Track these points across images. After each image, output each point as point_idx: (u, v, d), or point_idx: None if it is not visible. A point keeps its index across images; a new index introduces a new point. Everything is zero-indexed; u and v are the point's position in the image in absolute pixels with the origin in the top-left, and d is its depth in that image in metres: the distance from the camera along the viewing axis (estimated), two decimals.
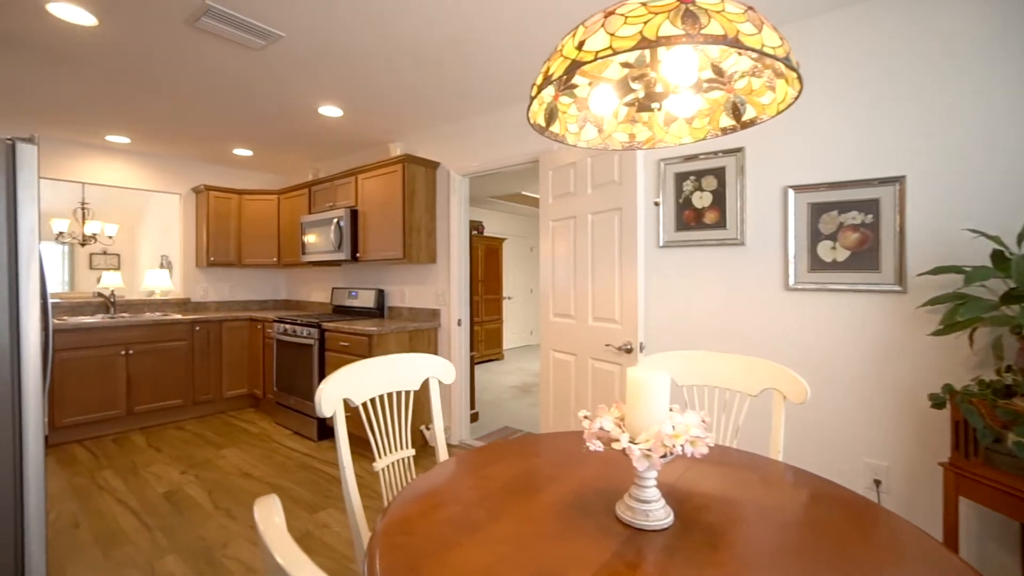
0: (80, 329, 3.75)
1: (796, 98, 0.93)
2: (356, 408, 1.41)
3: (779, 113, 1.00)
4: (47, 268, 2.00)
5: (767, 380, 1.48)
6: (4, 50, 2.58)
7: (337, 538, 2.42)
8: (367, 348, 3.37)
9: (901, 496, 1.98)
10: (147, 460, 3.41)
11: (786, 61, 0.79)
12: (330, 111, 3.48)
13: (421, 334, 3.70)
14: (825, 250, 2.12)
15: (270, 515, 0.63)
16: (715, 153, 2.46)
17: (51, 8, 2.21)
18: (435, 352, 3.81)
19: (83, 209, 6.10)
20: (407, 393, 1.60)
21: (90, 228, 6.02)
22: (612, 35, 0.80)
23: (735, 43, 0.75)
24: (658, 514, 0.97)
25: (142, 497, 2.86)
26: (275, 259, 4.91)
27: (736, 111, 1.12)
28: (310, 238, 4.29)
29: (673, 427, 0.94)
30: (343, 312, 4.52)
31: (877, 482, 1.99)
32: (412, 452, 1.56)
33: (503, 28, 2.36)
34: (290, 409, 4.04)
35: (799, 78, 0.86)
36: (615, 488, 1.16)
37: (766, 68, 0.99)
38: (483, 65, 2.77)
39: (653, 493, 0.99)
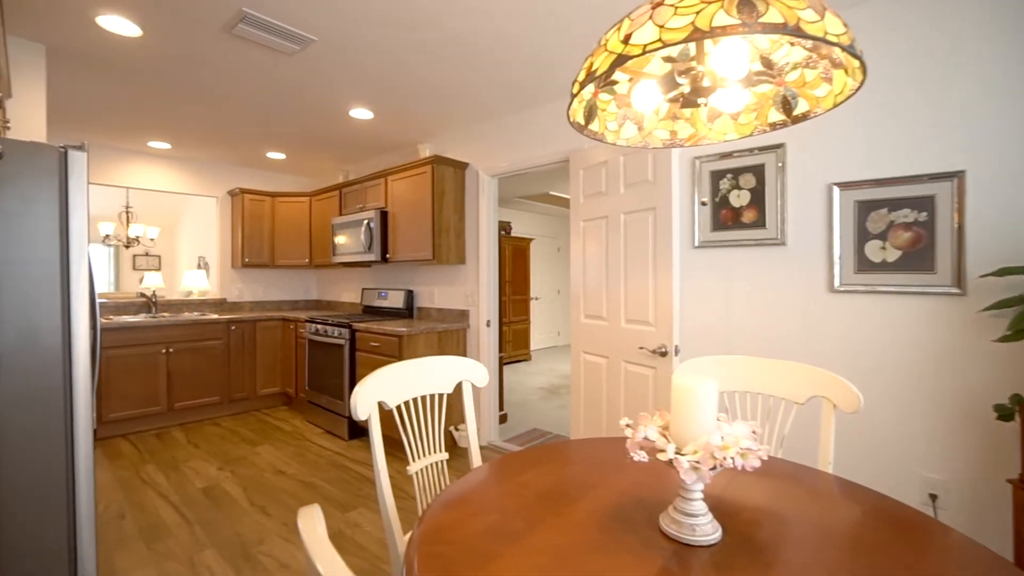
0: (125, 328, 3.89)
1: (857, 89, 0.87)
2: (390, 411, 1.40)
3: (836, 106, 0.94)
4: (95, 269, 2.08)
5: (816, 387, 1.40)
6: (58, 62, 2.70)
7: (368, 537, 2.44)
8: (397, 349, 3.39)
9: (960, 513, 1.86)
10: (186, 456, 3.52)
11: (850, 49, 0.73)
12: (361, 114, 3.52)
13: (450, 335, 3.70)
14: (874, 250, 2.02)
15: (313, 525, 0.62)
16: (751, 150, 2.37)
17: (100, 21, 2.29)
18: (464, 353, 3.81)
19: (127, 213, 6.36)
20: (440, 396, 1.59)
21: (134, 231, 6.27)
22: (661, 27, 0.76)
23: (796, 32, 0.70)
24: (705, 528, 0.93)
25: (182, 492, 2.94)
26: (307, 260, 5.00)
27: (787, 105, 1.06)
28: (341, 239, 4.35)
29: (722, 438, 0.89)
30: (373, 312, 4.57)
31: (933, 496, 1.88)
32: (446, 456, 1.55)
33: (535, 24, 2.33)
34: (321, 408, 4.11)
35: (863, 68, 0.80)
36: (657, 498, 1.12)
37: (822, 58, 0.93)
38: (513, 63, 2.74)
39: (700, 506, 0.94)
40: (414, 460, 1.47)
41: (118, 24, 2.32)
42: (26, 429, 1.83)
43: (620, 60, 0.81)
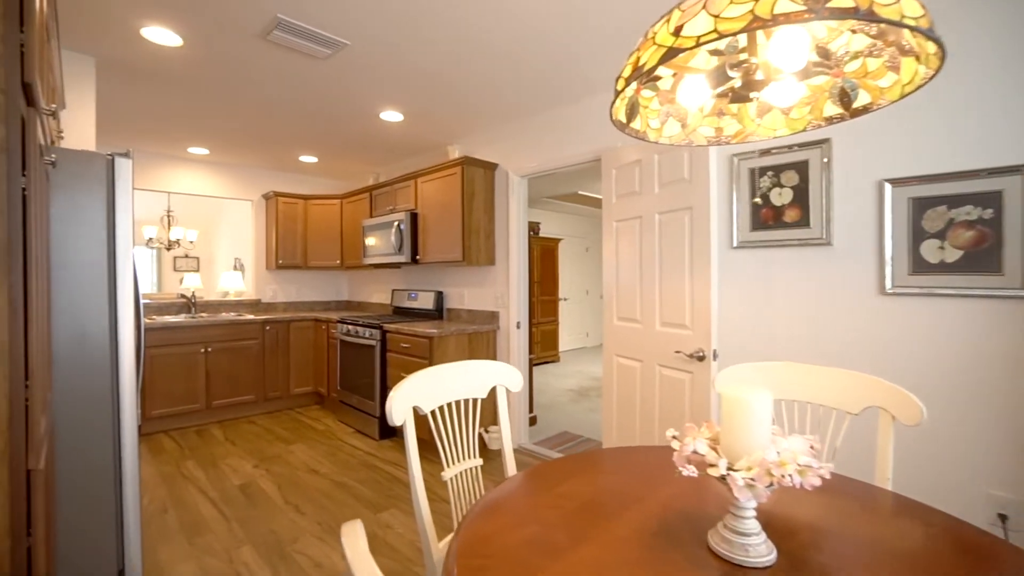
0: (166, 328, 4.03)
1: (931, 77, 0.80)
2: (424, 416, 1.39)
3: (903, 97, 0.87)
4: (139, 271, 2.15)
5: (872, 397, 1.32)
6: (106, 73, 2.80)
7: (400, 539, 2.44)
8: (427, 351, 3.40)
9: None
10: (224, 453, 3.61)
11: (930, 33, 0.67)
12: (391, 116, 3.54)
13: (480, 337, 3.69)
14: (931, 250, 1.89)
15: (356, 540, 0.60)
16: (790, 147, 2.27)
17: (144, 32, 2.37)
18: (494, 355, 3.79)
19: (168, 216, 6.59)
20: (474, 401, 1.57)
21: (175, 234, 6.50)
22: (716, 16, 0.71)
23: (868, 16, 0.65)
24: (759, 549, 0.87)
25: (220, 488, 3.02)
26: (338, 261, 5.08)
27: (844, 98, 0.99)
28: (371, 241, 4.40)
29: (778, 453, 0.84)
30: (403, 313, 4.60)
31: (1003, 517, 1.75)
32: (480, 462, 1.52)
33: (564, 21, 2.29)
34: (353, 408, 4.16)
35: (941, 54, 0.74)
36: (703, 513, 1.06)
37: (888, 45, 0.86)
38: (542, 62, 2.71)
39: (753, 525, 0.89)
40: (448, 466, 1.45)
41: (161, 35, 2.39)
42: (78, 426, 1.90)
43: (670, 54, 0.76)
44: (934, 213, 1.89)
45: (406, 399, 1.31)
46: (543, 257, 7.29)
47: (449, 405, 2.33)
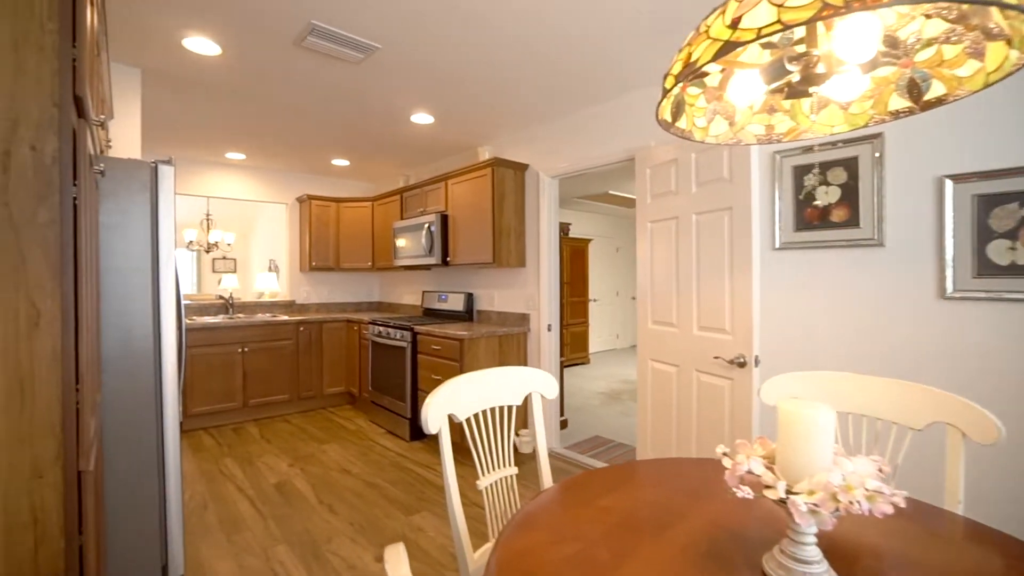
0: (206, 328, 4.15)
1: None
2: (459, 423, 1.37)
3: (988, 86, 0.80)
4: (180, 272, 2.20)
5: (939, 412, 1.23)
6: (150, 83, 2.90)
7: (431, 543, 2.44)
8: (458, 353, 3.39)
9: None
10: (260, 451, 3.69)
11: None
12: (422, 118, 3.55)
13: (511, 339, 3.66)
14: (999, 251, 1.76)
15: (398, 566, 0.58)
16: (834, 144, 2.15)
17: (185, 43, 2.43)
18: (524, 358, 3.76)
19: (207, 220, 6.82)
20: (509, 408, 1.54)
21: (213, 236, 6.71)
22: (780, 6, 0.66)
23: None
24: None
25: (257, 486, 3.08)
26: (369, 263, 5.14)
27: (915, 89, 0.92)
28: (402, 242, 4.43)
29: (843, 477, 0.77)
30: (433, 315, 4.62)
31: None
32: (515, 470, 1.49)
33: (595, 20, 2.24)
34: (384, 408, 4.19)
35: None
36: (755, 534, 1.00)
37: (971, 30, 0.79)
38: (573, 62, 2.66)
39: (814, 552, 0.83)
40: (484, 475, 1.42)
41: (201, 44, 2.45)
42: (124, 424, 1.96)
43: (727, 48, 0.71)
44: (1003, 211, 1.75)
45: (441, 407, 1.29)
46: (573, 258, 7.22)
47: (484, 412, 2.31)
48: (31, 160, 1.05)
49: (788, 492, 0.79)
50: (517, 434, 3.66)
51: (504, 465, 1.49)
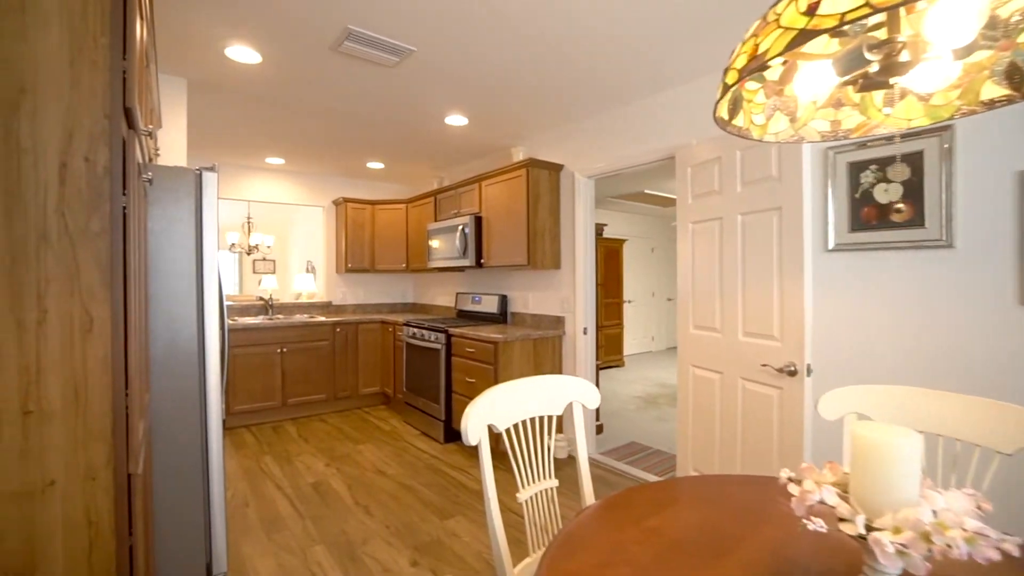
0: (247, 329, 4.27)
1: None
2: (498, 433, 1.33)
3: None
4: (223, 274, 2.25)
5: None
6: (195, 92, 2.99)
7: (467, 549, 2.41)
8: (492, 356, 3.37)
9: None
10: (298, 450, 3.77)
11: None
12: (456, 120, 3.54)
13: (545, 342, 3.61)
14: None
15: None
16: (890, 139, 2.00)
17: (228, 52, 2.49)
18: (559, 362, 3.70)
19: (248, 223, 7.04)
20: (549, 418, 1.49)
21: (254, 239, 6.92)
22: None
23: None
24: None
25: (295, 485, 3.13)
26: (404, 265, 5.19)
27: (1016, 75, 0.82)
28: (436, 244, 4.44)
29: (934, 513, 0.69)
30: (467, 317, 4.62)
31: None
32: (556, 483, 1.44)
33: (632, 18, 2.16)
34: (418, 410, 4.21)
35: None
36: (825, 567, 0.92)
37: None
38: (610, 60, 2.59)
39: None
40: (524, 487, 1.38)
41: (243, 53, 2.50)
42: (169, 423, 2.02)
43: (803, 37, 0.65)
44: None
45: (481, 417, 1.26)
46: (607, 258, 7.10)
47: (523, 422, 2.28)
48: (84, 171, 1.07)
49: (868, 528, 0.71)
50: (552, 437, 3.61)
51: (544, 476, 1.44)
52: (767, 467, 2.23)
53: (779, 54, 0.67)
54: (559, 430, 3.69)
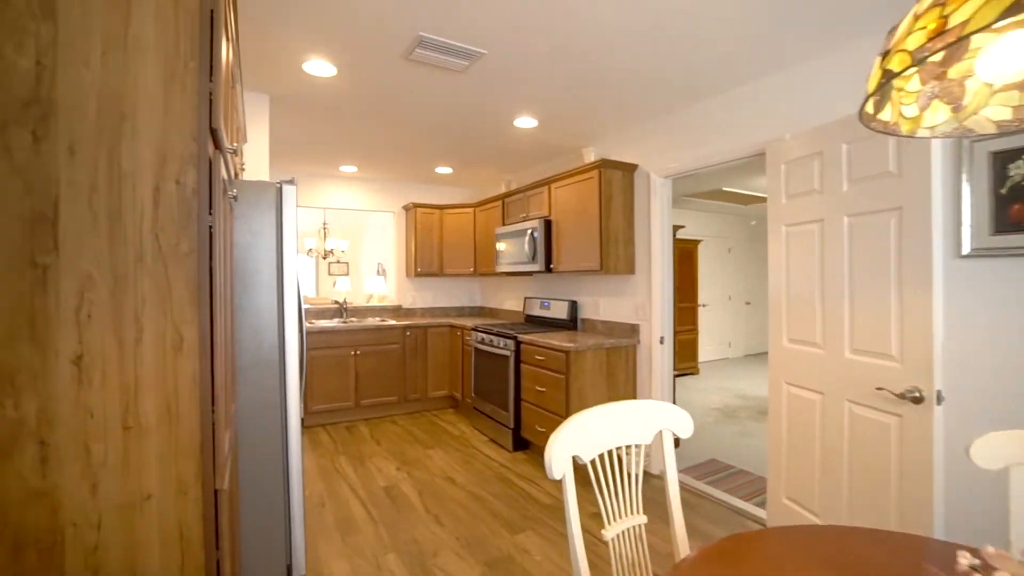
0: (323, 332, 4.44)
1: None
2: (583, 465, 1.22)
3: None
4: (302, 278, 2.31)
5: None
6: (276, 108, 3.12)
7: (539, 568, 2.32)
8: (563, 365, 3.25)
9: None
10: (371, 451, 3.85)
11: None
12: (525, 122, 3.46)
13: (619, 352, 3.44)
14: None
15: None
16: None
17: (306, 67, 2.56)
18: (634, 373, 3.52)
19: (324, 229, 7.38)
20: (637, 447, 1.37)
21: (329, 244, 7.24)
22: None
23: None
24: None
25: (368, 488, 3.19)
26: (471, 269, 5.19)
27: None
28: (503, 248, 4.39)
29: None
30: (535, 322, 4.53)
31: None
32: (644, 519, 1.31)
33: (716, 2, 1.96)
34: (486, 416, 4.18)
35: None
36: None
37: None
38: (690, 52, 2.39)
39: None
40: (610, 522, 1.26)
41: (319, 67, 2.55)
42: (255, 429, 2.09)
43: (1017, 7, 0.49)
44: None
45: (565, 447, 1.15)
46: (681, 260, 6.76)
47: (609, 452, 2.16)
48: (175, 193, 1.08)
49: None
50: (627, 452, 3.44)
51: (632, 511, 1.32)
52: (883, 512, 1.94)
53: (986, 26, 0.51)
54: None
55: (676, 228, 6.37)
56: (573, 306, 4.07)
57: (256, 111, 2.94)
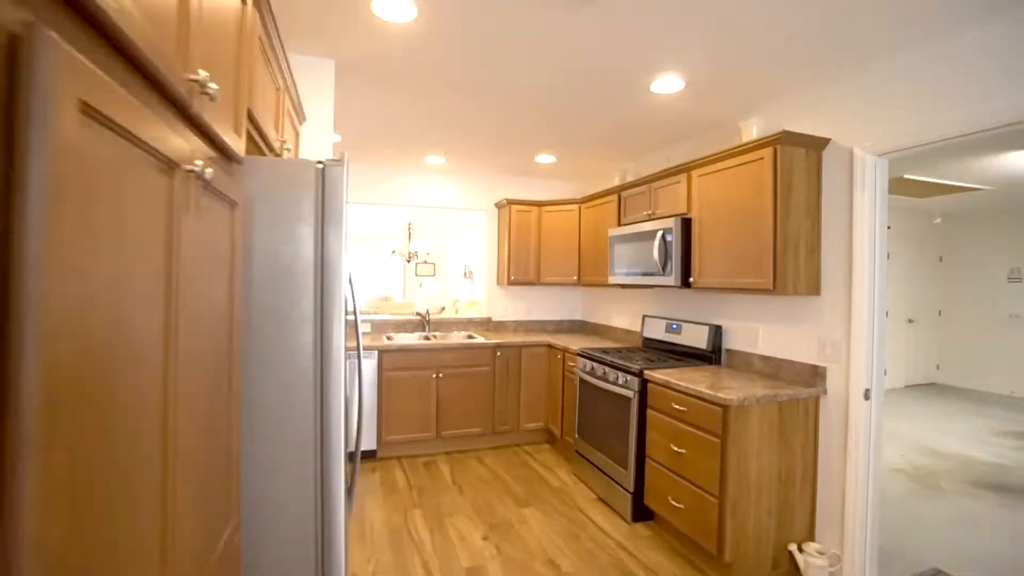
0: (402, 350, 3.81)
1: None
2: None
3: None
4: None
5: None
6: (344, 80, 2.48)
7: None
8: (718, 424, 2.29)
9: None
10: (451, 504, 3.13)
11: None
12: (667, 84, 2.53)
13: (794, 407, 2.41)
14: None
15: None
16: None
17: (375, 8, 1.85)
18: (814, 437, 2.47)
19: (409, 229, 6.91)
20: None
21: (415, 245, 6.76)
22: None
23: None
24: None
25: (447, 570, 2.44)
26: (575, 277, 4.32)
27: None
28: (620, 254, 3.47)
29: None
30: (658, 349, 3.56)
31: None
32: None
33: None
34: (594, 466, 3.30)
35: None
36: None
37: None
38: None
39: None
40: None
41: (392, 6, 1.83)
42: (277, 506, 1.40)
43: None
44: None
45: None
46: None
47: None
48: None
49: None
50: (800, 548, 2.40)
51: None
52: None
53: None
54: (810, 536, 2.46)
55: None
56: (716, 332, 3.05)
57: (317, 80, 2.31)
